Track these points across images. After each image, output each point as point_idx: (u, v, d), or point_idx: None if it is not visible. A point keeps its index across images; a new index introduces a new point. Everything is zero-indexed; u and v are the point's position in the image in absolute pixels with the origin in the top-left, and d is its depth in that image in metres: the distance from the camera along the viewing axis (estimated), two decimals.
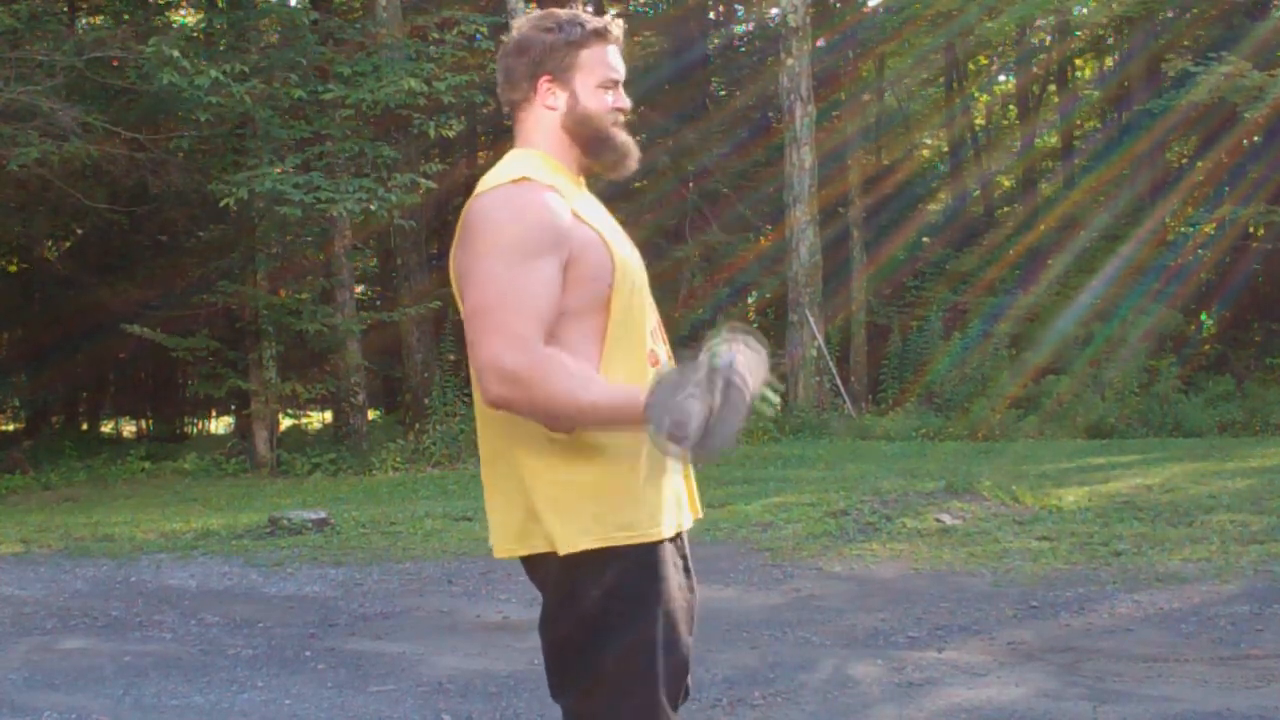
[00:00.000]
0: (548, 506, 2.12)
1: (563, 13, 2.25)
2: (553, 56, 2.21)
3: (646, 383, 2.01)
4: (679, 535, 2.25)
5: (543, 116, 2.23)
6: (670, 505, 2.19)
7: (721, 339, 2.03)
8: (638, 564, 2.12)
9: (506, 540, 2.20)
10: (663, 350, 2.27)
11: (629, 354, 2.16)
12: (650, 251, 2.34)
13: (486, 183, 2.16)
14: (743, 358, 2.02)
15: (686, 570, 2.27)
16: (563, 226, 2.09)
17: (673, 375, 1.97)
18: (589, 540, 2.09)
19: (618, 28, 2.25)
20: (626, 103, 2.26)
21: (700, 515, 2.38)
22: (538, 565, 2.19)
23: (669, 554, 2.18)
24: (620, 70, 2.26)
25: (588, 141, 2.23)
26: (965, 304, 19.62)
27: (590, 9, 2.34)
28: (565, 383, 1.99)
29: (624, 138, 2.26)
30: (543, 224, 2.07)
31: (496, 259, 2.05)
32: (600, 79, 2.22)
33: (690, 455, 1.96)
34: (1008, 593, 5.84)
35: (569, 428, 2.07)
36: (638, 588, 2.11)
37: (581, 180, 2.28)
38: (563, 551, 2.10)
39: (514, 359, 1.98)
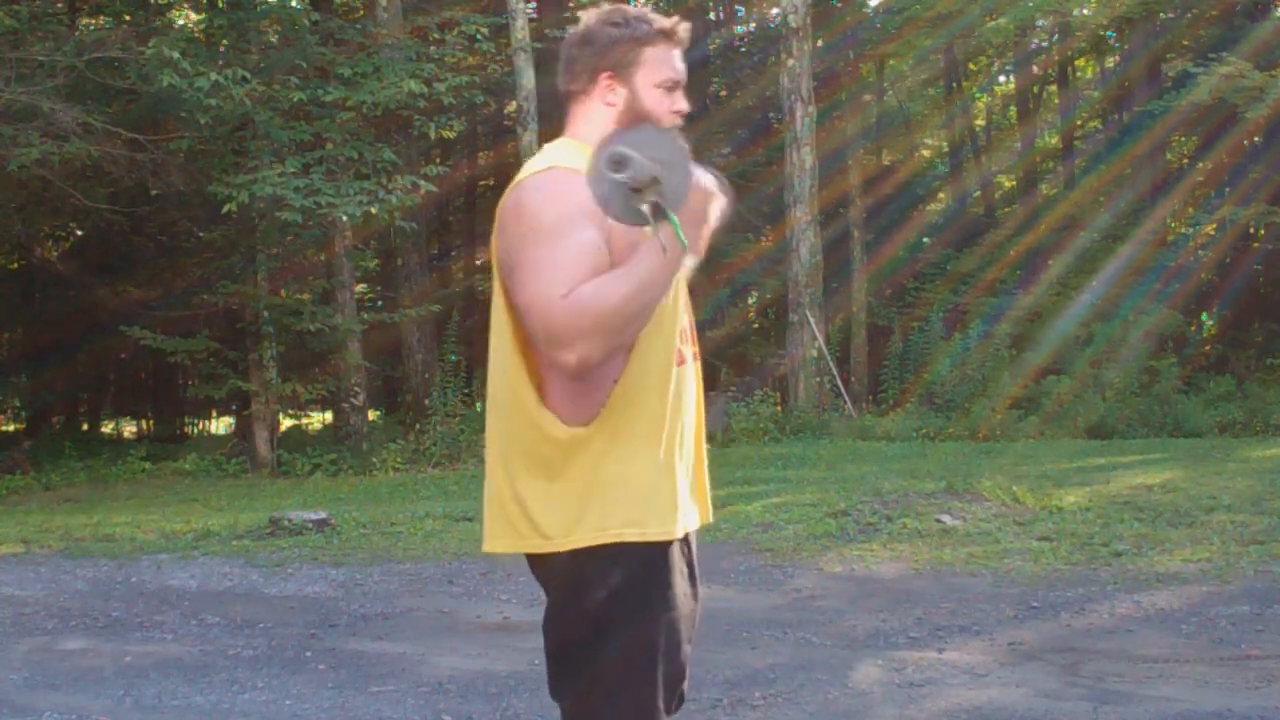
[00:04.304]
0: (556, 503, 2.11)
1: (631, 10, 2.24)
2: (615, 52, 2.19)
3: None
4: (686, 538, 2.23)
5: (596, 110, 2.22)
6: (681, 506, 2.17)
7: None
8: (645, 565, 2.11)
9: (509, 537, 2.18)
10: (689, 351, 2.25)
11: (657, 348, 2.14)
12: None
13: (521, 175, 2.16)
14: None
15: (692, 577, 2.26)
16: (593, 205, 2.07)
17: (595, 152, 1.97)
18: (597, 537, 2.08)
19: (684, 30, 2.23)
20: (685, 105, 2.24)
21: (710, 520, 2.37)
22: (542, 562, 2.17)
23: (676, 557, 2.16)
24: (682, 72, 2.24)
25: None
26: (966, 304, 19.64)
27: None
28: (600, 298, 1.95)
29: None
30: (575, 202, 2.04)
31: (538, 246, 2.03)
32: (661, 79, 2.21)
33: (662, 195, 1.92)
34: (1008, 593, 5.84)
35: (642, 318, 2.01)
36: (644, 590, 2.10)
37: None
38: (569, 546, 2.09)
39: (556, 319, 1.96)
